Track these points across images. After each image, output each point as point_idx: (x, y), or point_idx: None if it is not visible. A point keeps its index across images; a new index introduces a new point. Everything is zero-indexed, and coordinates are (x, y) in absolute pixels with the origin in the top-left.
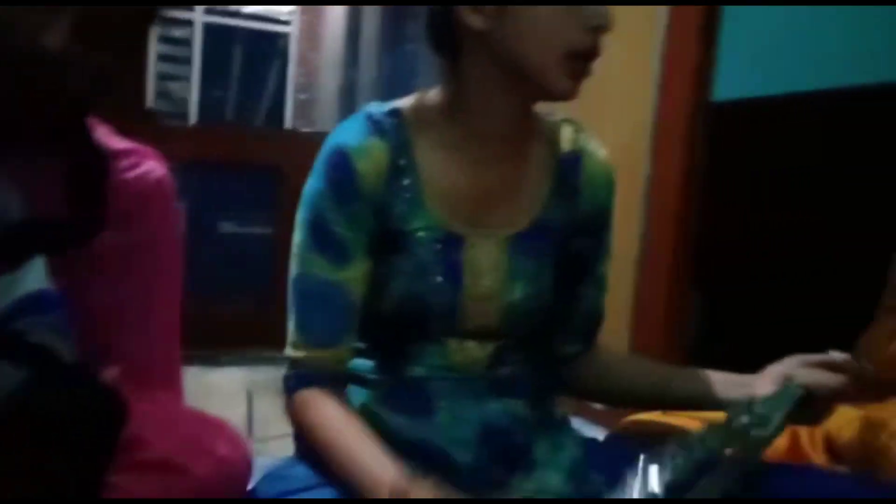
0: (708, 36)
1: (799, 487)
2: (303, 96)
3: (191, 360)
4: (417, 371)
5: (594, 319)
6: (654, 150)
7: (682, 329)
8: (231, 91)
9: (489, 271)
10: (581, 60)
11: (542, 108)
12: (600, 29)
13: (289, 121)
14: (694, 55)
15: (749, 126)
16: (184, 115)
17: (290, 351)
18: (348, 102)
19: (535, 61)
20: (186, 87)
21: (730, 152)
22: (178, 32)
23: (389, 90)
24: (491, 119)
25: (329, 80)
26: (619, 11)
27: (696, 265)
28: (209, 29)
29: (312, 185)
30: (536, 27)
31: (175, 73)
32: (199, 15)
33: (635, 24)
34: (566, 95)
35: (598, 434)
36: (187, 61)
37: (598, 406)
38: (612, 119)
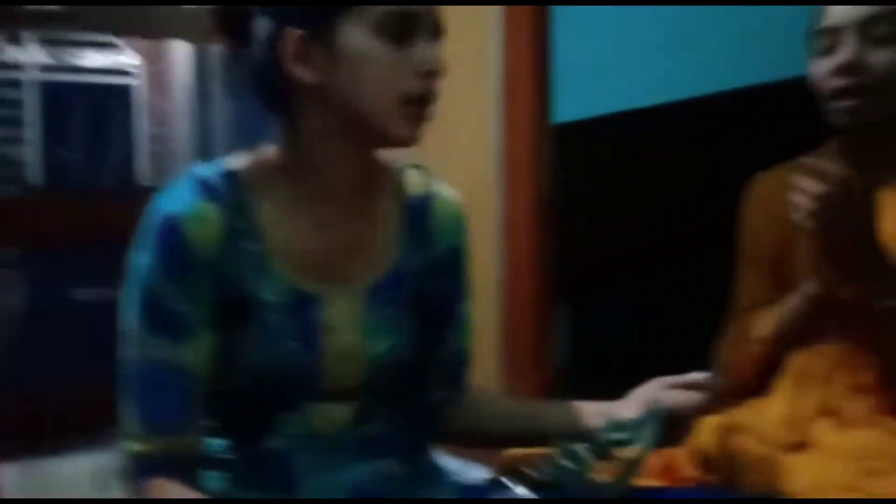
0: (541, 61)
1: None
2: (157, 148)
3: (32, 450)
4: (276, 444)
5: (460, 363)
6: (503, 180)
7: (550, 355)
8: (77, 151)
9: (349, 328)
10: (417, 105)
11: (385, 154)
12: (432, 74)
13: (142, 175)
14: (530, 81)
15: (597, 144)
16: (22, 181)
17: (130, 445)
18: (204, 150)
19: (371, 109)
20: (24, 150)
21: (581, 171)
22: (8, 94)
23: (246, 134)
24: (333, 172)
25: (182, 129)
26: (452, 45)
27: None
28: (47, 87)
29: (140, 259)
30: (368, 75)
31: (8, 136)
32: (34, 73)
33: (469, 60)
34: (407, 141)
35: (483, 472)
36: (20, 122)
37: None
38: (458, 155)
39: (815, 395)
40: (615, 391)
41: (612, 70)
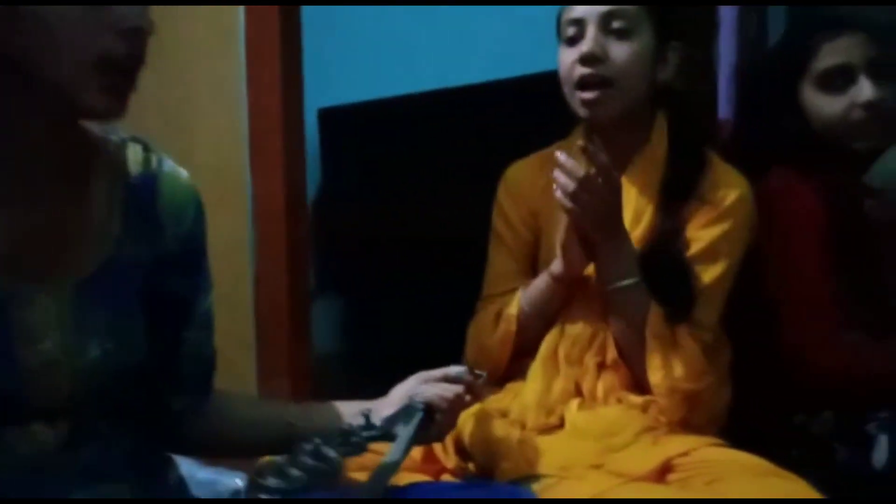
0: (290, 40)
1: None
2: None
3: None
4: None
5: (203, 365)
6: (252, 163)
7: (309, 353)
8: None
9: (50, 332)
10: (118, 72)
11: (100, 127)
12: (138, 32)
13: None
14: (276, 63)
15: (358, 130)
16: None
17: None
18: None
19: (60, 75)
20: None
21: (341, 157)
22: None
23: None
24: (23, 149)
25: None
26: (200, 21)
27: (327, 280)
28: None
29: None
30: (57, 33)
31: None
32: None
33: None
34: (107, 114)
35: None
36: None
37: None
38: (206, 134)
39: (566, 376)
40: (390, 384)
41: (380, 57)
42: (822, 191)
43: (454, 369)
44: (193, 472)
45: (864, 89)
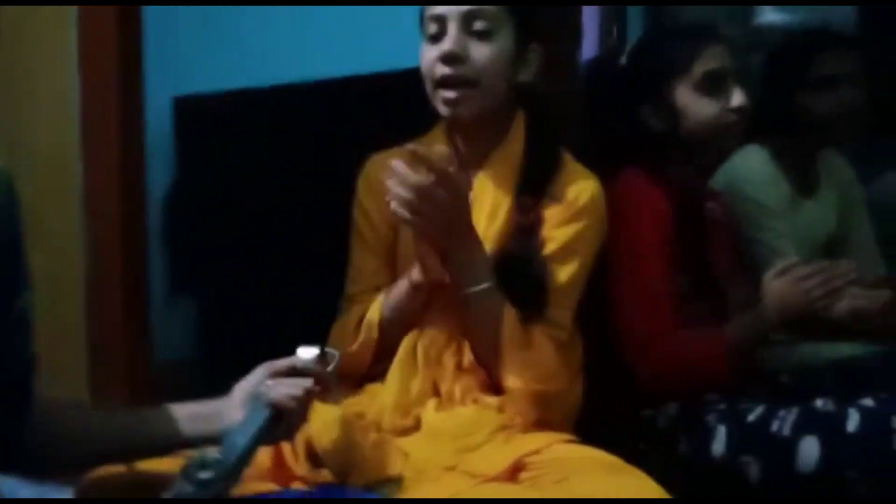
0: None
1: None
2: None
3: None
4: None
5: (22, 370)
6: (85, 155)
7: (148, 354)
8: None
9: None
10: None
11: None
12: None
13: None
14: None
15: (216, 121)
16: None
17: None
18: None
19: None
20: None
21: (197, 149)
22: None
23: None
24: None
25: None
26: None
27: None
28: None
29: None
30: None
31: None
32: None
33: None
34: None
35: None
36: None
37: None
38: (36, 122)
39: (424, 377)
40: None
41: (242, 47)
42: (670, 192)
43: (302, 357)
44: (15, 489)
45: (737, 94)
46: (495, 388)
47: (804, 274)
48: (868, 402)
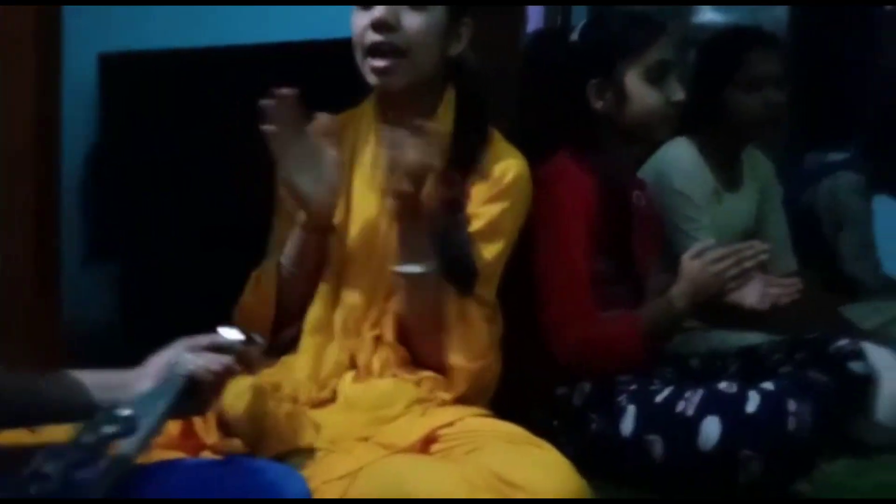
0: None
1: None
2: None
3: None
4: None
5: None
6: None
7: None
8: None
9: None
10: None
11: None
12: None
13: None
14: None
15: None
16: None
17: None
18: None
19: None
20: None
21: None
22: None
23: None
24: None
25: None
26: None
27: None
28: None
29: None
30: None
31: None
32: None
33: None
34: None
35: None
36: None
37: None
38: None
39: (341, 348)
40: None
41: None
42: (598, 178)
43: (226, 336)
44: None
45: (678, 89)
46: (415, 363)
47: (718, 255)
48: (768, 385)
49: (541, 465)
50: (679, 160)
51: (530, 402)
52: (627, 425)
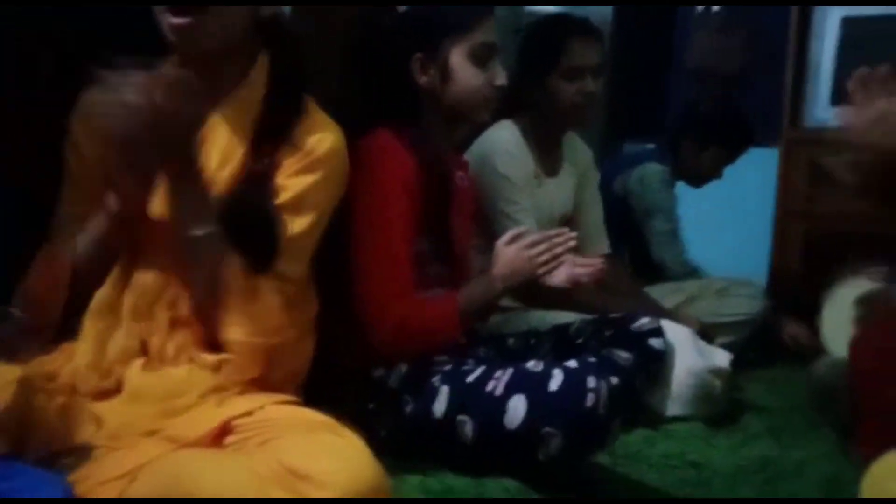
0: None
1: None
2: None
3: None
4: None
5: None
6: None
7: None
8: None
9: None
10: None
11: None
12: None
13: None
14: None
15: None
16: None
17: None
18: None
19: None
20: None
21: None
22: None
23: None
24: None
25: None
26: None
27: None
28: None
29: None
30: None
31: None
32: None
33: None
34: None
35: None
36: None
37: None
38: None
39: (129, 333)
40: None
41: None
42: (421, 157)
43: None
44: None
45: (501, 73)
46: (213, 344)
47: (531, 241)
48: (572, 363)
49: (336, 454)
50: (502, 143)
51: (346, 385)
52: (440, 406)
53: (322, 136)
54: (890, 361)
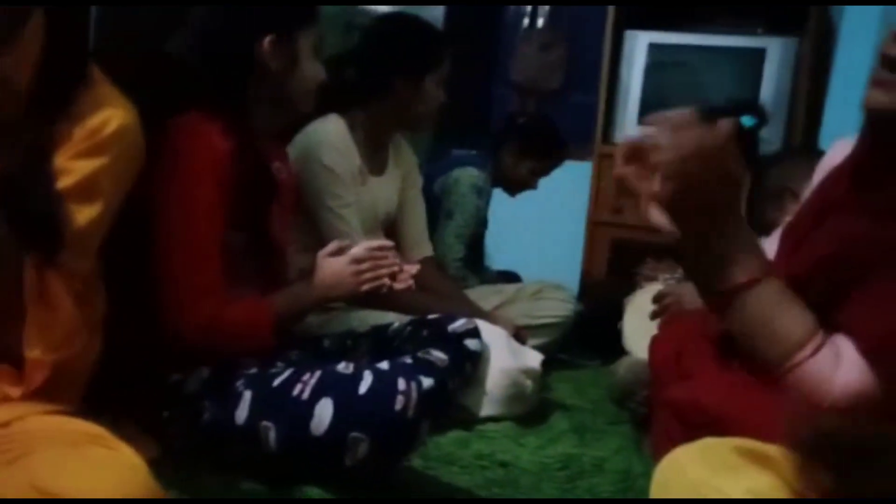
0: None
1: None
2: None
3: None
4: None
5: None
6: None
7: None
8: None
9: None
10: None
11: None
12: None
13: None
14: None
15: None
16: None
17: None
18: None
19: None
20: None
21: None
22: None
23: None
24: None
25: None
26: None
27: None
28: None
29: None
30: None
31: None
32: None
33: None
34: None
35: None
36: None
37: None
38: None
39: None
40: None
41: None
42: (236, 143)
43: None
44: None
45: (321, 68)
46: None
47: (357, 257)
48: (384, 365)
49: (99, 470)
50: (330, 136)
51: (137, 391)
52: (242, 412)
53: (111, 114)
54: (681, 359)
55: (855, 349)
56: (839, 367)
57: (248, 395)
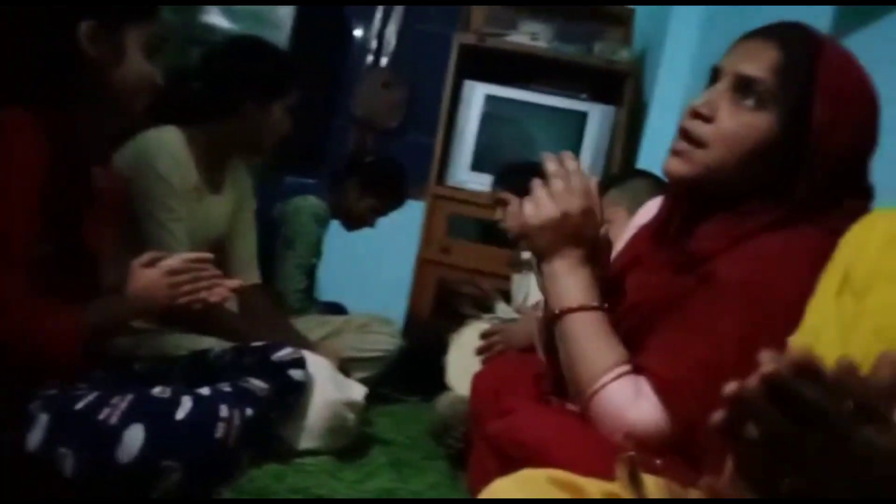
0: None
1: None
2: None
3: None
4: None
5: None
6: None
7: None
8: None
9: None
10: None
11: None
12: None
13: None
14: None
15: None
16: None
17: None
18: None
19: None
20: None
21: None
22: None
23: None
24: None
25: None
26: None
27: None
28: None
29: None
30: None
31: None
32: None
33: None
34: None
35: None
36: None
37: None
38: None
39: None
40: None
41: None
42: (53, 143)
43: None
44: None
45: (153, 69)
46: None
47: (173, 268)
48: (205, 390)
49: None
50: (167, 146)
51: None
52: (36, 437)
53: None
54: (501, 396)
55: (651, 388)
56: (638, 400)
57: (44, 418)
